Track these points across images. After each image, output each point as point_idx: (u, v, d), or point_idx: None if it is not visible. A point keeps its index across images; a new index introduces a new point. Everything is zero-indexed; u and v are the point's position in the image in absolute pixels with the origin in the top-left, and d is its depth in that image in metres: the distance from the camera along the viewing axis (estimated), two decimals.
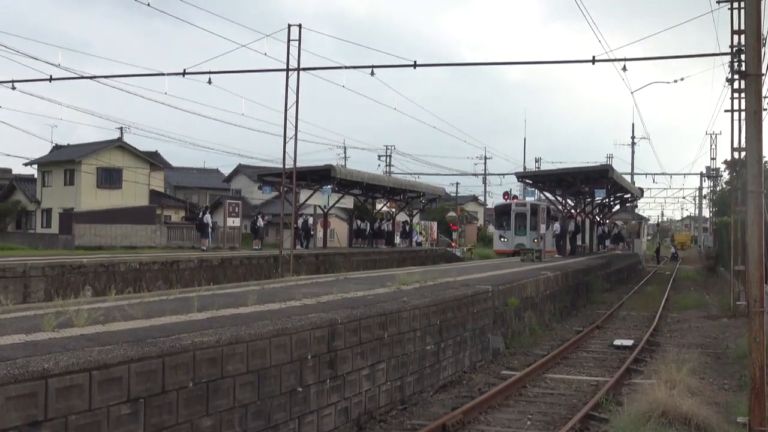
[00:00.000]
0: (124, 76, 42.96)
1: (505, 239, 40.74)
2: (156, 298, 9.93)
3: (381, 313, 9.63)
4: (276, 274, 25.41)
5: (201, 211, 34.79)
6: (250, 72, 27.76)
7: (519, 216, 40.49)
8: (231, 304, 9.23)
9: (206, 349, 6.57)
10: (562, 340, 16.49)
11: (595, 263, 28.94)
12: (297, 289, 11.70)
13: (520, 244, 38.34)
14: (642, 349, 14.99)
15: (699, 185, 73.29)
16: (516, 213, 40.66)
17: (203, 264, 24.33)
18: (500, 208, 42.81)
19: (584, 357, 14.68)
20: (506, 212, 41.31)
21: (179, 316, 7.93)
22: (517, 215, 40.55)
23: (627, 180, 45.45)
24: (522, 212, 40.51)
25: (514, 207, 41.17)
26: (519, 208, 40.78)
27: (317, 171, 34.30)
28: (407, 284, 13.06)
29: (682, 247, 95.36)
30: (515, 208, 40.84)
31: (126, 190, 50.51)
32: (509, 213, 40.90)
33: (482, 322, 13.45)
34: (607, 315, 21.14)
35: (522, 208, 40.65)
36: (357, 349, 8.98)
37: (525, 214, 40.31)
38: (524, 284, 16.73)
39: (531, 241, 38.47)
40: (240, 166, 67.24)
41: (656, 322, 19.40)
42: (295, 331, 7.82)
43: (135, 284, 19.71)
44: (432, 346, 11.14)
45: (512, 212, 40.79)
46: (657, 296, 27.23)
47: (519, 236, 40.01)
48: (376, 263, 34.55)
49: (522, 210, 40.58)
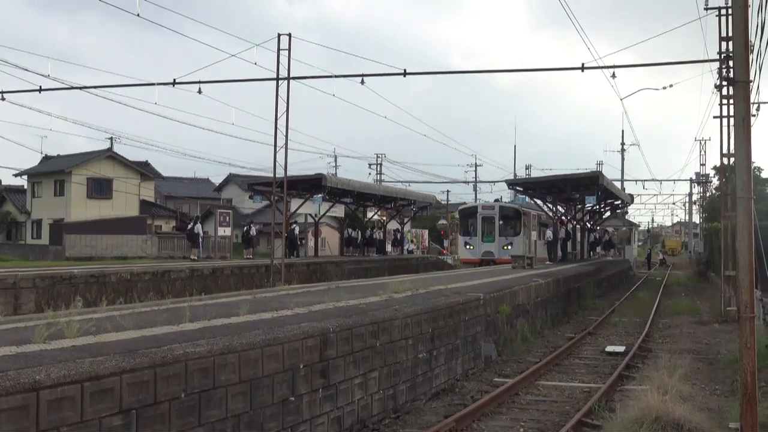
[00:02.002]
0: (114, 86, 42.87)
1: (470, 246, 36.68)
2: (147, 309, 9.89)
3: (373, 321, 9.62)
4: (268, 284, 25.35)
5: (192, 221, 34.70)
6: (240, 81, 27.73)
7: (486, 220, 36.55)
8: (223, 313, 9.20)
9: (198, 359, 6.55)
10: (554, 346, 16.50)
11: (587, 270, 28.99)
12: (289, 299, 11.68)
13: (487, 252, 35.52)
14: (634, 355, 15.02)
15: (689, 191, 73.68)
16: (483, 217, 36.61)
17: (194, 274, 24.26)
18: (465, 212, 38.52)
19: (576, 364, 14.70)
20: (472, 215, 37.27)
21: (171, 326, 7.90)
22: (484, 219, 36.58)
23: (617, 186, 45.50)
24: (489, 216, 36.55)
25: (480, 210, 37.18)
26: (486, 212, 36.84)
27: (308, 180, 34.28)
28: (399, 292, 13.05)
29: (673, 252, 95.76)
30: (482, 212, 36.92)
31: (116, 201, 50.40)
32: (475, 217, 36.90)
33: (474, 329, 13.45)
34: (598, 321, 21.17)
35: (489, 212, 36.78)
36: (349, 358, 8.97)
37: (493, 218, 36.45)
38: (516, 291, 16.74)
39: (500, 248, 35.41)
40: (231, 175, 67.20)
41: (648, 328, 19.44)
42: (288, 340, 7.81)
43: (126, 295, 19.62)
44: (424, 354, 11.13)
45: (479, 216, 36.70)
46: (648, 302, 27.30)
47: (486, 243, 36.19)
48: (368, 272, 34.51)
49: (489, 213, 36.65)
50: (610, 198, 41.42)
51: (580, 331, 19.30)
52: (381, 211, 46.27)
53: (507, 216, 36.60)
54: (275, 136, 25.77)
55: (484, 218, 36.65)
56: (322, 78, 26.70)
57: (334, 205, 39.12)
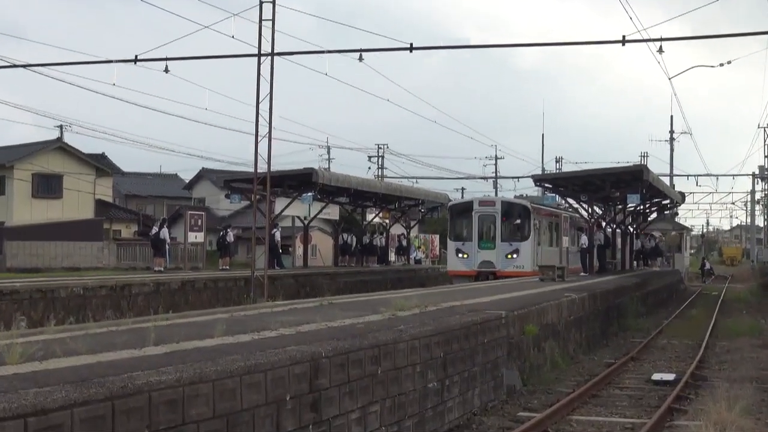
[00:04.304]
0: (65, 65, 42.69)
1: (464, 255, 33.23)
2: (104, 330, 9.90)
3: (373, 344, 9.62)
4: (247, 300, 25.36)
5: (157, 225, 34.75)
6: (215, 58, 27.86)
7: (484, 220, 33.40)
8: (194, 335, 9.21)
9: (164, 389, 6.54)
10: (590, 374, 16.50)
11: (629, 283, 28.99)
12: (273, 317, 11.68)
13: (486, 262, 32.61)
14: (686, 384, 15.00)
15: (751, 188, 73.75)
16: (480, 216, 33.37)
17: (160, 288, 24.28)
18: (457, 209, 35.72)
19: (617, 395, 14.68)
20: (466, 213, 34.18)
21: (132, 350, 7.90)
22: (482, 219, 33.38)
23: (665, 183, 45.54)
24: (488, 214, 33.41)
25: (476, 207, 33.87)
26: (484, 209, 33.56)
27: (296, 176, 34.34)
28: (404, 310, 13.05)
29: (732, 262, 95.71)
30: (479, 209, 33.60)
31: (67, 201, 50.43)
32: (470, 215, 33.74)
33: (494, 354, 13.45)
34: (643, 344, 21.17)
35: (488, 209, 33.60)
36: (345, 388, 8.96)
37: (493, 216, 33.32)
38: (544, 308, 16.74)
39: (503, 257, 32.71)
40: (203, 170, 67.31)
41: (702, 352, 19.43)
42: (271, 367, 7.80)
43: (78, 313, 19.64)
44: (435, 383, 11.13)
45: (474, 214, 33.50)
46: (703, 321, 27.29)
47: (484, 250, 32.87)
48: (367, 285, 34.49)
49: (489, 211, 33.48)
50: (657, 196, 41.43)
51: (622, 355, 19.29)
52: (383, 212, 46.31)
53: (512, 214, 33.81)
54: (257, 123, 25.87)
55: (481, 217, 33.52)
56: (313, 54, 26.78)
57: (326, 205, 39.17)
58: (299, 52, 26.89)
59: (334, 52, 25.98)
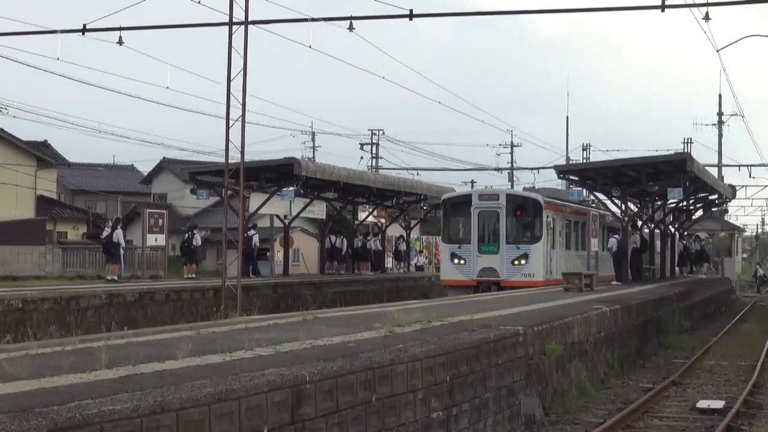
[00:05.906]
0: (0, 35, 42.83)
1: (461, 261, 31.97)
2: (47, 350, 9.89)
3: (367, 366, 9.62)
4: (218, 314, 25.37)
5: (109, 226, 34.70)
6: (178, 27, 27.82)
7: (486, 217, 32.13)
8: (154, 356, 9.21)
9: (119, 420, 6.54)
10: (624, 401, 16.53)
11: (670, 293, 29.01)
12: (248, 335, 11.68)
13: (488, 269, 31.32)
14: (738, 413, 15.03)
15: None
16: (481, 212, 31.99)
17: (114, 300, 24.24)
18: (452, 203, 34.25)
19: (656, 425, 14.72)
20: (462, 209, 32.91)
21: (80, 374, 7.90)
22: (482, 216, 32.05)
23: (712, 174, 45.56)
24: (491, 210, 32.00)
25: (476, 201, 32.29)
26: (486, 203, 32.09)
27: (275, 167, 34.35)
28: (403, 325, 13.05)
29: None
30: (479, 203, 32.10)
31: (3, 197, 50.37)
32: (468, 211, 32.36)
33: (510, 377, 13.46)
34: (687, 365, 21.19)
35: (491, 203, 32.07)
36: (333, 418, 8.96)
37: (497, 213, 31.88)
38: (569, 324, 16.75)
39: (509, 263, 31.31)
40: (165, 160, 67.30)
41: (757, 376, 19.44)
42: (246, 393, 7.80)
43: (17, 330, 19.62)
44: (439, 412, 11.13)
45: (474, 210, 32.04)
46: (757, 338, 27.29)
47: (486, 255, 31.66)
48: (360, 296, 34.52)
49: (491, 206, 32.02)
50: (703, 191, 41.43)
51: (661, 379, 19.34)
52: (378, 210, 46.31)
53: (519, 210, 32.39)
54: (228, 104, 25.84)
55: (482, 214, 32.09)
56: (295, 22, 26.72)
57: (311, 202, 39.18)
58: (278, 20, 26.78)
59: (320, 20, 25.93)
